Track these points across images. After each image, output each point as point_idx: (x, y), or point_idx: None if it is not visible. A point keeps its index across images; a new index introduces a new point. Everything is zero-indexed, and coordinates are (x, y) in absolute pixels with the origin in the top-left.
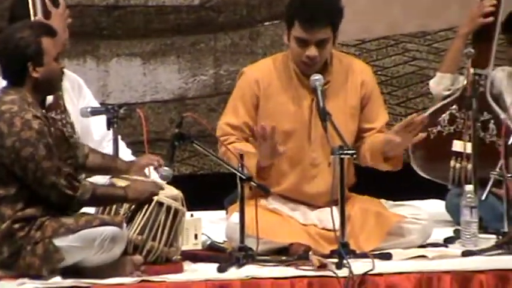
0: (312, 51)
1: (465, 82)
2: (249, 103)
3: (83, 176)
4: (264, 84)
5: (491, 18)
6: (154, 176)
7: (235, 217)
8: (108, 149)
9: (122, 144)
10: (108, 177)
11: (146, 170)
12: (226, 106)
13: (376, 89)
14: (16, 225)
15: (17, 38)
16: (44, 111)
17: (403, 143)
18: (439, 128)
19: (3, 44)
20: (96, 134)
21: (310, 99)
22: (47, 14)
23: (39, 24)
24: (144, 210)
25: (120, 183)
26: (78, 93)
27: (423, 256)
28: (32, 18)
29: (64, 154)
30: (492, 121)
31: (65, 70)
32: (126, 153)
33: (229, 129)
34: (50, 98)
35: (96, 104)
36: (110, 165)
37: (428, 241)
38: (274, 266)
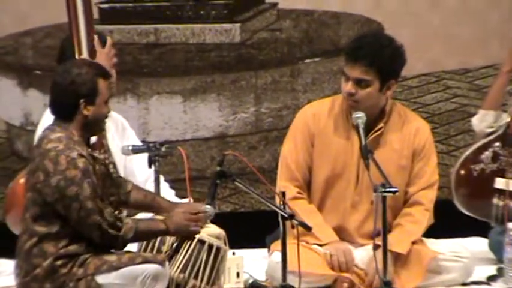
0: (348, 86)
1: (508, 119)
2: (307, 141)
3: (125, 213)
4: (321, 122)
5: None
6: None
7: (276, 256)
8: (151, 189)
9: (165, 185)
10: (151, 215)
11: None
12: (288, 141)
13: (427, 148)
14: (59, 262)
15: (74, 73)
16: (89, 149)
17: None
18: (482, 165)
19: (59, 77)
20: (140, 175)
21: None
22: (92, 52)
23: (97, 64)
24: (186, 248)
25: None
26: (121, 133)
27: None
28: (77, 56)
29: (107, 190)
30: None
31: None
32: (169, 194)
33: (294, 168)
34: (93, 138)
35: (139, 143)
36: (152, 204)
37: (471, 279)
38: None
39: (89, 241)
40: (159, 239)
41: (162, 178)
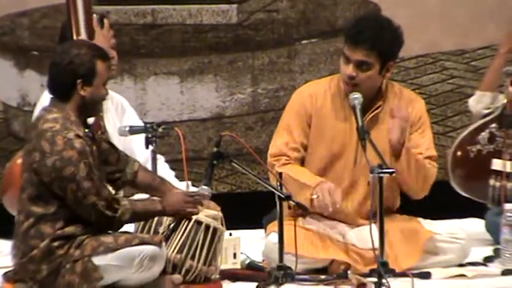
0: (349, 69)
1: (505, 101)
2: (303, 121)
3: (121, 194)
4: (318, 103)
5: None
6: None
7: (273, 236)
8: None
9: (165, 166)
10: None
11: (184, 185)
12: (280, 123)
13: (423, 122)
14: (55, 243)
15: (73, 53)
16: (86, 130)
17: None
18: (478, 146)
19: (58, 57)
20: (140, 156)
21: None
22: (90, 33)
23: (96, 46)
24: (183, 229)
25: None
26: (121, 114)
27: (462, 275)
28: (75, 37)
29: (113, 167)
30: None
31: (109, 91)
32: (170, 175)
33: (286, 149)
34: (90, 119)
35: (139, 124)
36: (159, 188)
37: (468, 260)
38: (313, 285)
39: (86, 222)
40: (155, 220)
41: (162, 159)
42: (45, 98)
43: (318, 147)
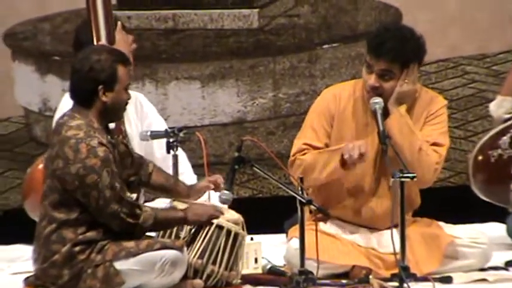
0: (372, 79)
1: None
2: (327, 122)
3: (143, 200)
4: (341, 105)
5: None
6: (214, 201)
7: (294, 242)
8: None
9: (189, 170)
10: (168, 201)
11: (206, 194)
12: (304, 123)
13: (439, 116)
14: (77, 248)
15: (93, 59)
16: (108, 136)
17: None
18: (499, 151)
19: (78, 64)
20: (158, 153)
21: None
22: (111, 39)
23: (117, 51)
24: (204, 234)
25: (181, 206)
26: (140, 112)
27: (484, 280)
28: (95, 42)
29: (127, 170)
30: None
31: None
32: (192, 180)
33: (308, 147)
34: (112, 124)
35: (159, 119)
36: (172, 187)
37: (489, 265)
38: None
39: (107, 227)
40: None
41: (186, 159)
42: (65, 103)
43: None
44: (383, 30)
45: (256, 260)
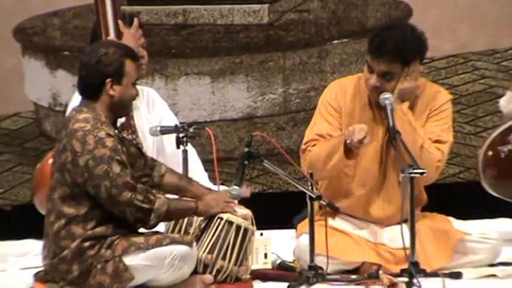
0: (373, 80)
1: None
2: (336, 112)
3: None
4: (347, 98)
5: None
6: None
7: (304, 238)
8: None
9: (200, 167)
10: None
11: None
12: (315, 115)
13: (443, 111)
14: (86, 244)
15: (101, 53)
16: (116, 131)
17: None
18: (509, 146)
19: (86, 57)
20: (168, 148)
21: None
22: (119, 33)
23: (125, 46)
24: (213, 229)
25: None
26: (152, 107)
27: (494, 275)
28: (104, 37)
29: (139, 172)
30: None
31: (138, 86)
32: (203, 177)
33: (318, 137)
34: (120, 120)
35: (171, 115)
36: (186, 188)
37: (499, 260)
38: (344, 285)
39: (117, 223)
40: (186, 220)
41: (196, 156)
42: (77, 98)
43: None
44: (383, 30)
45: (265, 255)
